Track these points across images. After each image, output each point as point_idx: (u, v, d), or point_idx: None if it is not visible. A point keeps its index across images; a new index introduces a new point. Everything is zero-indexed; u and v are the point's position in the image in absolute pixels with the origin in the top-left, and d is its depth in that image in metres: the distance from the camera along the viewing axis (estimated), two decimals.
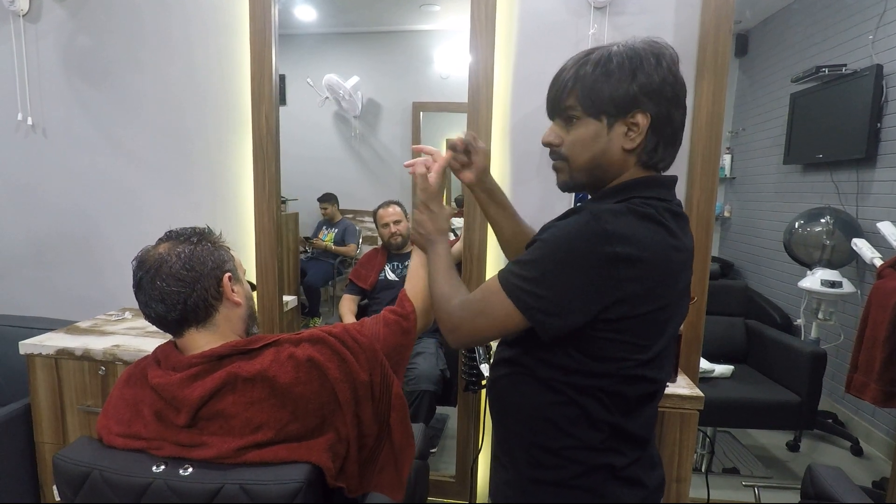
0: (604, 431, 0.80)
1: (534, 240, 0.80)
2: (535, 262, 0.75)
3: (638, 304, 0.74)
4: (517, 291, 0.75)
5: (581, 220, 0.73)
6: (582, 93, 0.78)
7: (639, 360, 0.77)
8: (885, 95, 2.49)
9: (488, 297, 0.79)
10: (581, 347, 0.77)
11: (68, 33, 2.03)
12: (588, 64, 0.77)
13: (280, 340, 0.88)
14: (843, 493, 1.05)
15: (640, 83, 0.75)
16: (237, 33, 1.89)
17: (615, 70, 0.75)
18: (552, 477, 0.83)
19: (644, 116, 0.76)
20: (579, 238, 0.72)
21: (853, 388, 1.99)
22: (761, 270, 3.47)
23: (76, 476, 0.80)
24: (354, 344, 0.90)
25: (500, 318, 0.77)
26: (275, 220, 1.94)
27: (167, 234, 0.91)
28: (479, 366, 1.53)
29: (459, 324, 0.83)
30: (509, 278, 0.77)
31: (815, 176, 2.99)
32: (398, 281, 2.41)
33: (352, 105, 3.31)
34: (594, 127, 0.78)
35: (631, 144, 0.77)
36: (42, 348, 1.63)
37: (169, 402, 0.83)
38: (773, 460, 2.41)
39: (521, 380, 0.85)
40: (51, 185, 2.12)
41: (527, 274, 0.75)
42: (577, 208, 0.80)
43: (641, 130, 0.76)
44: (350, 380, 0.87)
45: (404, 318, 0.99)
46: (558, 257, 0.73)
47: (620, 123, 0.77)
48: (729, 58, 1.63)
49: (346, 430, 0.87)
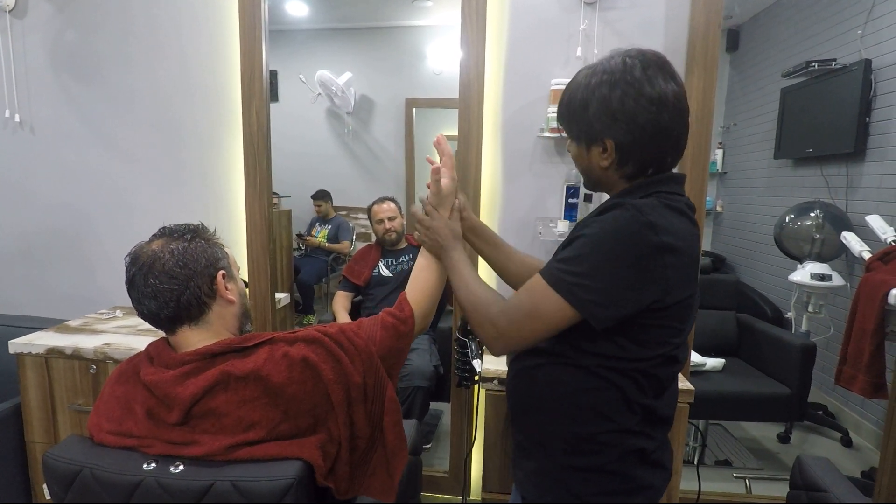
0: (638, 413, 0.84)
1: (574, 236, 0.81)
2: (585, 257, 0.77)
3: (679, 290, 0.79)
4: (570, 287, 0.77)
5: (624, 213, 0.77)
6: (563, 121, 0.90)
7: (675, 342, 0.83)
8: (874, 90, 2.51)
9: (536, 298, 0.80)
10: (628, 334, 0.80)
11: (56, 29, 2.01)
12: (566, 94, 0.87)
13: (275, 339, 0.87)
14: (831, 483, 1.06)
15: (598, 115, 0.82)
16: (227, 29, 1.88)
17: (579, 105, 0.84)
18: (588, 463, 0.86)
19: (609, 142, 0.83)
20: (627, 230, 0.75)
21: (842, 379, 2.01)
22: (752, 264, 3.49)
23: (66, 474, 0.80)
24: (350, 345, 0.89)
25: (553, 317, 0.79)
26: (266, 217, 1.93)
27: (161, 231, 0.90)
28: (472, 361, 1.53)
29: (506, 330, 0.82)
30: (559, 275, 0.78)
31: (806, 170, 3.02)
32: (392, 277, 2.41)
33: (344, 101, 3.30)
34: (576, 148, 0.89)
35: (605, 163, 0.85)
36: (32, 347, 1.62)
37: (161, 400, 0.83)
38: (764, 452, 2.43)
39: (559, 369, 0.86)
40: (39, 183, 2.11)
41: (577, 269, 0.77)
42: (612, 204, 0.82)
43: (610, 153, 0.84)
44: (344, 381, 0.86)
45: (402, 322, 0.97)
46: (608, 250, 0.76)
47: (595, 145, 0.85)
48: (719, 53, 1.63)
49: (338, 431, 0.86)
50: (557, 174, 1.80)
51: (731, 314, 2.69)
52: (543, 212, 1.83)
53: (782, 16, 3.27)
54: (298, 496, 0.78)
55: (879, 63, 2.48)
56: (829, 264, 2.52)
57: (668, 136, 0.82)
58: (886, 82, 2.45)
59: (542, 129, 1.76)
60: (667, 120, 0.80)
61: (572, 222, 1.75)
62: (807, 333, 2.59)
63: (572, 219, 1.75)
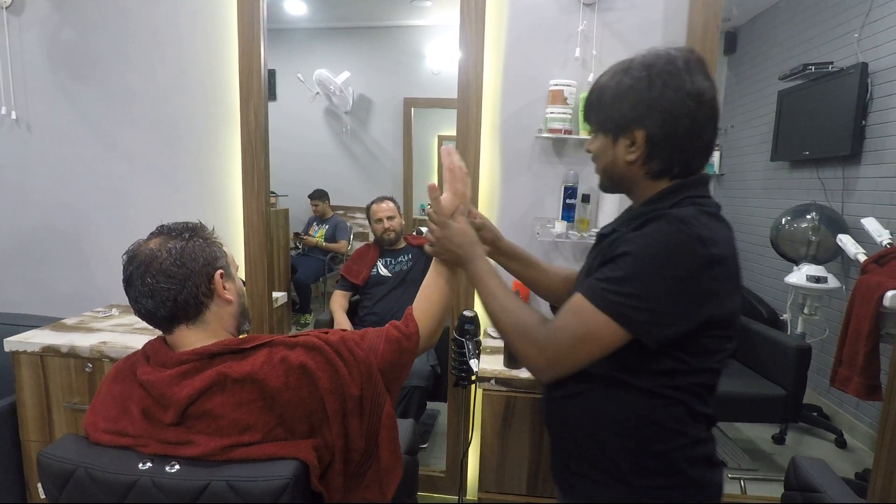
0: (702, 422, 0.84)
1: (616, 253, 0.77)
2: (634, 278, 0.74)
3: (730, 299, 0.78)
4: (621, 309, 0.74)
5: (669, 227, 0.74)
6: (591, 111, 0.87)
7: (729, 349, 0.82)
8: (870, 93, 2.52)
9: (586, 322, 0.76)
10: (685, 349, 0.78)
11: (53, 26, 2.00)
12: (599, 82, 0.85)
13: (274, 342, 0.86)
14: (826, 484, 1.07)
15: (633, 103, 0.80)
16: (226, 27, 1.87)
17: (613, 92, 0.82)
18: (666, 482, 0.83)
19: (640, 132, 0.81)
20: (676, 246, 0.73)
21: (837, 381, 2.02)
22: (749, 266, 3.50)
23: (61, 474, 0.79)
24: (350, 356, 0.87)
25: (606, 340, 0.76)
26: (264, 216, 1.93)
27: (159, 229, 0.89)
28: (469, 361, 1.53)
29: (556, 358, 0.79)
30: (607, 297, 0.75)
31: (802, 173, 3.03)
32: (391, 276, 2.41)
33: (342, 100, 3.29)
34: (603, 141, 0.86)
35: (632, 157, 0.83)
36: (27, 345, 1.61)
37: (157, 400, 0.82)
38: (759, 453, 2.44)
39: (616, 392, 0.83)
40: (36, 181, 2.10)
41: (627, 290, 0.74)
42: (652, 216, 0.78)
43: (639, 145, 0.82)
44: (339, 392, 0.85)
45: (406, 338, 0.94)
46: (658, 267, 0.73)
47: (622, 138, 0.83)
48: (717, 55, 1.64)
49: (332, 440, 0.85)
50: (555, 175, 1.80)
51: None
52: (541, 212, 1.83)
53: (780, 18, 3.28)
54: (294, 496, 0.78)
55: (876, 66, 2.49)
56: (824, 266, 2.53)
57: (700, 136, 0.81)
58: (883, 85, 2.46)
59: (540, 129, 1.76)
60: (702, 118, 0.79)
61: (570, 223, 1.76)
62: (802, 335, 2.60)
63: (570, 220, 1.76)
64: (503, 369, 1.55)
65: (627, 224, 0.84)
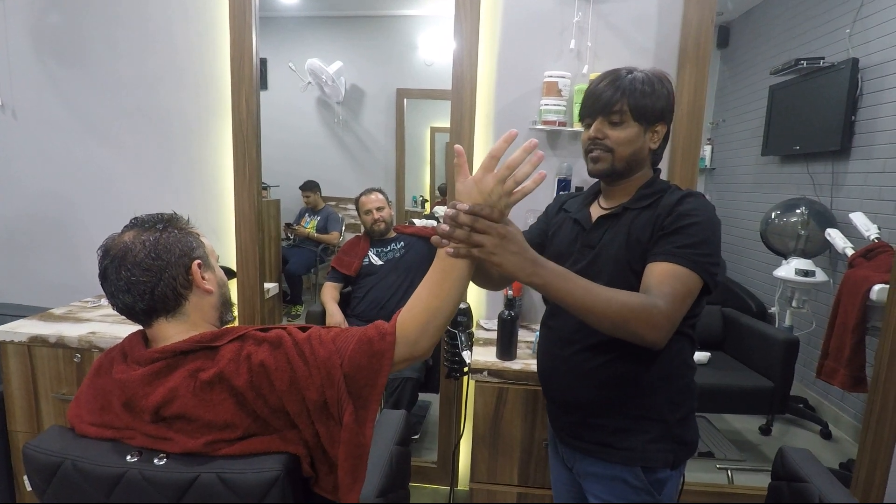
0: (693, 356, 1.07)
1: (685, 223, 0.94)
2: (707, 240, 0.94)
3: None
4: (709, 267, 0.93)
5: (703, 200, 1.00)
6: (631, 102, 0.99)
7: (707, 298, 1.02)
8: (860, 89, 2.53)
9: (686, 283, 0.92)
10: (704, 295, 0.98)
11: (39, 10, 1.96)
12: (635, 81, 1.00)
13: (246, 335, 0.83)
14: (812, 474, 1.09)
15: (666, 102, 1.02)
16: (217, 14, 1.84)
17: (655, 90, 1.00)
18: (690, 408, 1.05)
19: (663, 126, 1.04)
20: (713, 213, 0.98)
21: (824, 373, 2.05)
22: (738, 260, 3.54)
23: (47, 466, 0.78)
24: (312, 356, 0.81)
25: (696, 294, 0.94)
26: (255, 206, 1.91)
27: (132, 222, 0.88)
28: (462, 353, 1.54)
29: (676, 320, 0.90)
30: (695, 259, 0.92)
31: (792, 167, 3.05)
32: (383, 265, 2.41)
33: (335, 91, 3.26)
34: (636, 130, 1.01)
35: (654, 146, 1.04)
36: (14, 335, 1.59)
37: (130, 400, 0.81)
38: (746, 444, 2.48)
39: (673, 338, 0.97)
40: (22, 168, 2.06)
41: (706, 251, 0.94)
42: (681, 192, 1.01)
43: (660, 136, 1.04)
44: (297, 393, 0.80)
45: (379, 338, 0.82)
46: (715, 229, 0.97)
47: (657, 125, 1.02)
48: (711, 49, 1.64)
49: (306, 435, 0.82)
50: (549, 167, 1.80)
51: (716, 308, 2.72)
52: (534, 204, 1.83)
53: (773, 13, 3.29)
54: (285, 489, 0.77)
55: (866, 62, 2.51)
56: (813, 260, 2.56)
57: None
58: (873, 81, 2.48)
59: (534, 121, 1.76)
60: None
61: None
62: (790, 328, 2.63)
63: None
64: (496, 361, 1.55)
65: (638, 202, 1.02)
